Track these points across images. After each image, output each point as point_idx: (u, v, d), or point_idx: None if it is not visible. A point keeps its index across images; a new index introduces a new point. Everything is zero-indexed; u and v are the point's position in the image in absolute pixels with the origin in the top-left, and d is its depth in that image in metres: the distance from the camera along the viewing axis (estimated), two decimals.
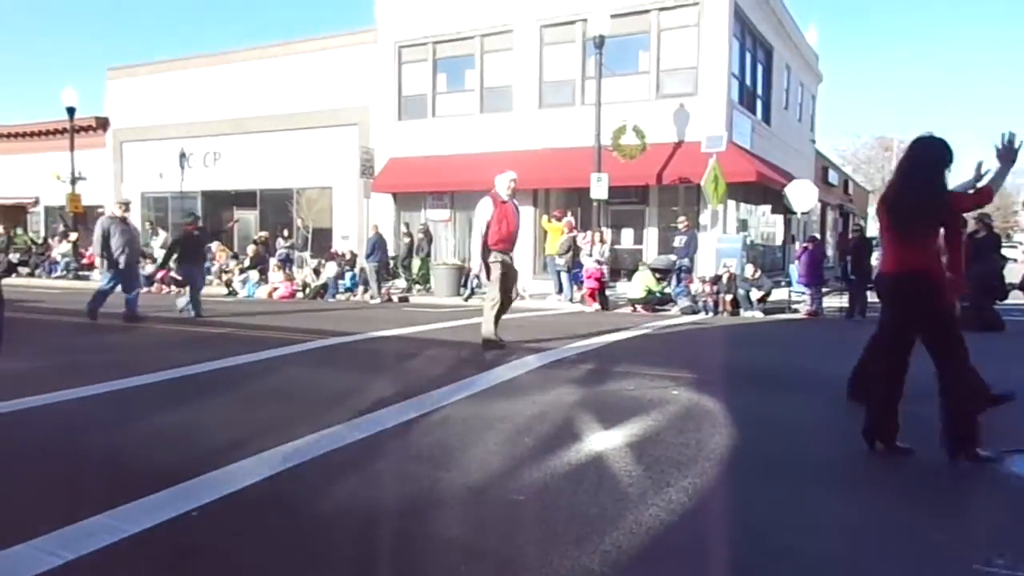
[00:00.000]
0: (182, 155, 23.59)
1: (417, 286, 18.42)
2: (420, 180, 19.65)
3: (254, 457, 4.04)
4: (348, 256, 19.00)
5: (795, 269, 15.48)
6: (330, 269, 18.23)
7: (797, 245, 19.34)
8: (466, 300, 16.59)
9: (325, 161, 21.45)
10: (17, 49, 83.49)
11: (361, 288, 17.80)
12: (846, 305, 13.51)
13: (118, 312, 11.01)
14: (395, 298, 17.07)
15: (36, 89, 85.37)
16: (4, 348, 5.13)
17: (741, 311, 13.62)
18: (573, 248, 15.56)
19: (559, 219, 16.52)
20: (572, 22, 18.27)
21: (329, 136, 21.36)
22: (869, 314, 13.20)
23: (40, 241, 26.02)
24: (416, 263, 18.61)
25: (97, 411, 5.36)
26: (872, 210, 53.72)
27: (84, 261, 23.78)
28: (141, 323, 10.92)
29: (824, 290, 14.63)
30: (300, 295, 18.11)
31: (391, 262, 18.35)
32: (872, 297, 13.69)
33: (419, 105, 20.43)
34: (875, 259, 16.40)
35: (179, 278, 19.94)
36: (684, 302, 14.03)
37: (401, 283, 18.45)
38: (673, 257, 15.63)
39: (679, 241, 15.44)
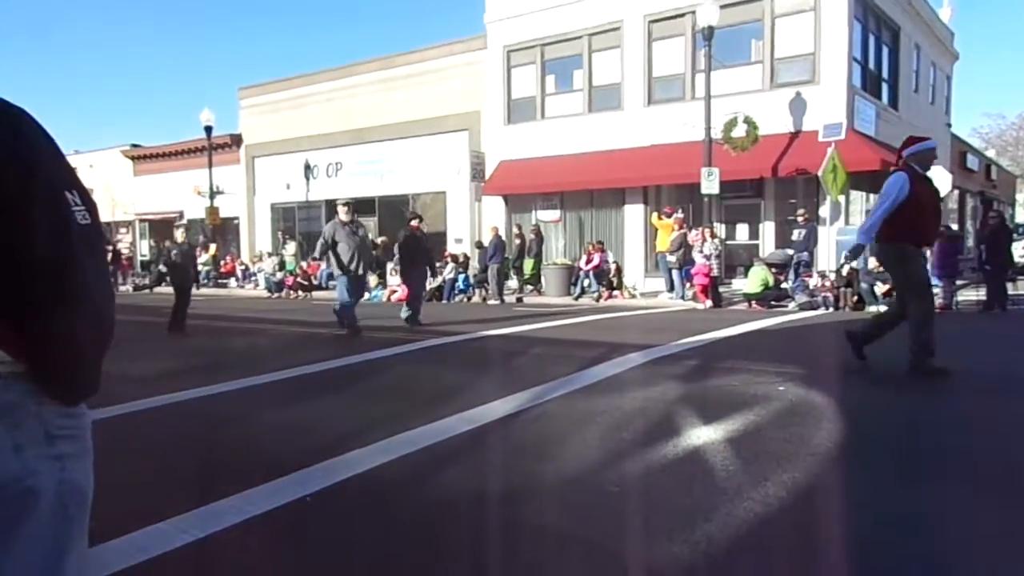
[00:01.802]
0: (307, 167, 24.99)
1: (528, 286, 18.67)
2: (530, 182, 19.90)
3: (367, 447, 4.31)
4: (461, 259, 19.52)
5: None
6: (448, 271, 18.79)
7: None
8: (576, 299, 16.68)
9: (438, 166, 22.13)
10: (159, 74, 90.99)
11: (475, 290, 18.25)
12: (983, 298, 12.54)
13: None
14: (509, 299, 17.38)
15: (178, 111, 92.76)
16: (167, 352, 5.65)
17: (865, 306, 12.94)
18: (684, 245, 15.31)
19: (669, 216, 16.30)
20: (680, 15, 17.95)
21: (442, 142, 22.02)
22: (1011, 307, 12.23)
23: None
24: (528, 264, 18.87)
25: (231, 405, 5.86)
26: (1022, 196, 49.08)
27: (223, 270, 25.72)
28: (357, 333, 9.97)
29: (959, 283, 13.65)
30: None
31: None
32: (1013, 289, 12.67)
33: (528, 108, 20.68)
34: (1021, 248, 15.10)
35: (304, 283, 21.25)
36: (802, 297, 13.50)
37: (513, 283, 18.76)
38: (790, 251, 15.06)
39: (797, 235, 14.86)
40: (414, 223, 11.75)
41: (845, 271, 13.28)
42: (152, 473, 4.10)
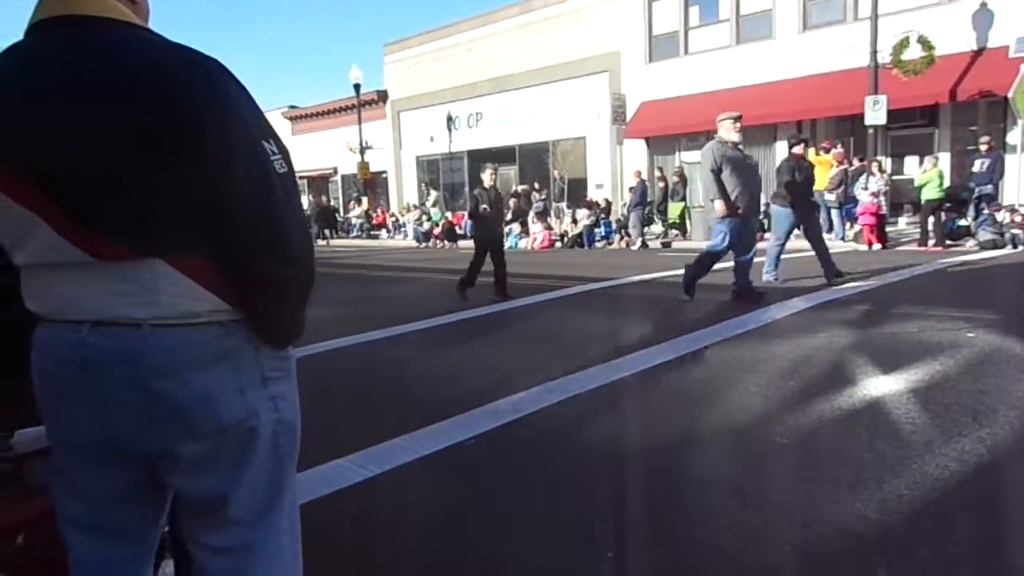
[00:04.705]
0: (449, 118, 25.35)
1: (674, 231, 18.11)
2: (673, 122, 19.10)
3: (523, 393, 4.35)
4: (603, 204, 19.22)
5: None
6: (584, 217, 18.58)
7: None
8: None
9: (578, 111, 21.73)
10: (308, 38, 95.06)
11: (617, 236, 17.97)
12: None
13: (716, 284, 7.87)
14: (652, 244, 16.97)
15: (327, 71, 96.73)
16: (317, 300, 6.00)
17: None
18: (844, 182, 14.18)
19: (827, 151, 15.12)
20: None
21: (581, 86, 21.56)
22: None
23: (337, 207, 29.84)
24: (673, 208, 18.27)
25: (391, 351, 6.12)
26: None
27: (375, 222, 26.91)
28: (757, 303, 7.11)
29: None
30: (558, 244, 18.79)
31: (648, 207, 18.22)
32: None
33: (670, 44, 19.74)
34: None
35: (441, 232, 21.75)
36: (986, 235, 12.14)
37: (657, 228, 18.27)
38: (972, 184, 13.55)
39: (980, 165, 13.30)
40: (797, 149, 8.91)
41: None
42: (327, 413, 4.33)
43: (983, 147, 13.32)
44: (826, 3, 16.97)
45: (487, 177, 8.82)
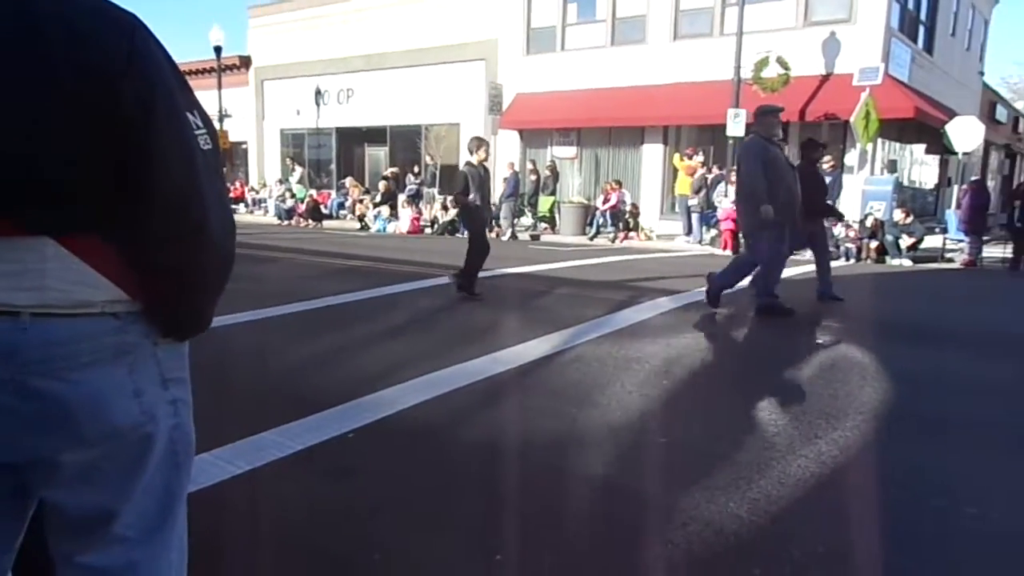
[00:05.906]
0: (318, 92, 24.37)
1: (543, 224, 18.44)
2: (546, 116, 19.40)
3: (402, 385, 4.23)
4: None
5: (953, 215, 14.28)
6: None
7: (955, 189, 17.77)
8: (591, 239, 16.49)
9: (453, 97, 21.55)
10: None
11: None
12: (1010, 256, 12.34)
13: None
14: (521, 236, 17.18)
15: (184, 30, 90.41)
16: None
17: (888, 259, 12.75)
18: (704, 188, 15.01)
19: (691, 157, 15.94)
20: None
21: (457, 72, 21.39)
22: None
23: None
24: (543, 201, 18.59)
25: (260, 335, 5.78)
26: None
27: (232, 195, 25.44)
28: (780, 315, 6.42)
29: (984, 238, 13.41)
30: (428, 231, 18.61)
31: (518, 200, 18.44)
32: None
33: (548, 38, 20.00)
34: None
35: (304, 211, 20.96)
36: None
37: (527, 221, 18.53)
38: None
39: None
40: (811, 151, 7.88)
41: (869, 222, 13.06)
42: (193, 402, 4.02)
43: (826, 166, 14.50)
44: (695, 15, 17.81)
45: (482, 152, 7.40)
